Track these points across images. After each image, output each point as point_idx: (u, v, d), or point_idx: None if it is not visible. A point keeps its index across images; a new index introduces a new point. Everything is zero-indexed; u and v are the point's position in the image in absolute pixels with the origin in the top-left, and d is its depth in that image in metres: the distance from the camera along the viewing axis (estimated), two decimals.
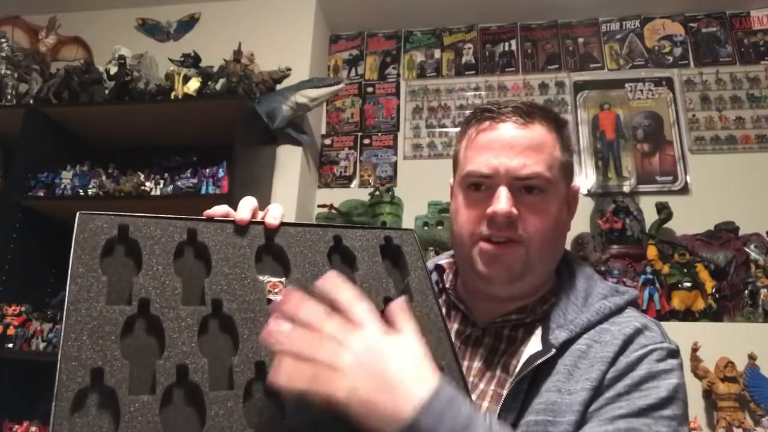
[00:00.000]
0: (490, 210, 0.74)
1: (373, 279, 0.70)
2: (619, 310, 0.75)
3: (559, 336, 0.71)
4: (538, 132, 0.76)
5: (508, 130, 0.76)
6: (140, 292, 0.60)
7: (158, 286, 0.61)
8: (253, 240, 0.68)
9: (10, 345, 1.86)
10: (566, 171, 0.79)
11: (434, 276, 0.90)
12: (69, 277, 0.58)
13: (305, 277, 0.67)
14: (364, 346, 0.51)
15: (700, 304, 1.88)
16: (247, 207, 0.70)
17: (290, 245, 0.70)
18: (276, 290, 0.66)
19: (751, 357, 1.72)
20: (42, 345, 1.86)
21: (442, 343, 0.68)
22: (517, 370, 0.72)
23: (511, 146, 0.75)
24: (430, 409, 0.49)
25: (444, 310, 0.86)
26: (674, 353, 0.71)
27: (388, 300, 0.69)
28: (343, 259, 0.73)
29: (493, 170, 0.75)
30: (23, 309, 1.94)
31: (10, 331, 1.87)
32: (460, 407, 0.50)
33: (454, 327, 0.84)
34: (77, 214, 0.63)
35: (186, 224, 0.66)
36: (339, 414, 0.50)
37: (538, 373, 0.70)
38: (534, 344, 0.74)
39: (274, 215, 0.70)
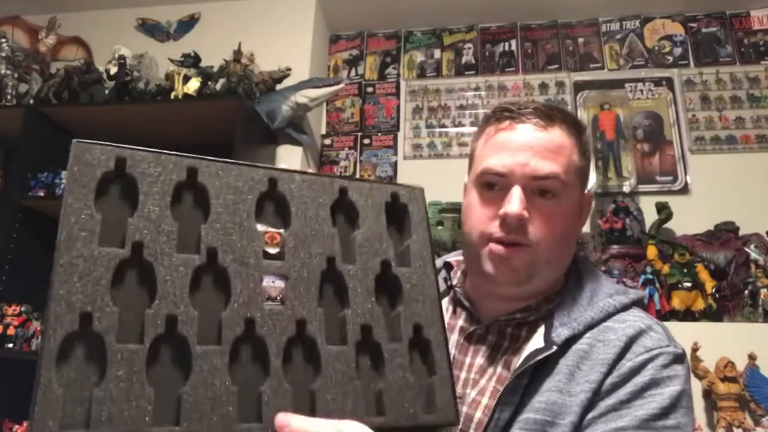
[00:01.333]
0: (501, 211, 0.73)
1: (374, 239, 0.68)
2: (624, 308, 0.74)
3: (561, 333, 0.71)
4: (558, 135, 0.76)
5: (527, 131, 0.75)
6: (134, 235, 0.57)
7: (153, 230, 0.58)
8: (255, 185, 0.65)
9: (10, 345, 1.86)
10: (582, 176, 0.79)
11: (442, 273, 0.90)
12: (62, 212, 0.56)
13: (304, 232, 0.65)
14: None
15: (700, 304, 1.88)
16: None
17: (293, 193, 0.67)
18: (274, 242, 0.63)
19: (751, 357, 1.72)
20: None
21: (432, 313, 0.67)
22: (518, 365, 0.71)
23: (529, 147, 0.74)
24: None
25: (450, 308, 0.87)
26: (680, 358, 0.70)
27: (385, 263, 0.68)
28: (345, 215, 0.70)
29: (509, 170, 0.74)
30: (23, 309, 1.94)
31: (10, 331, 1.88)
32: None
33: (458, 324, 0.84)
34: (73, 142, 0.59)
35: (187, 162, 0.63)
36: None
37: (539, 371, 0.70)
38: (536, 341, 0.73)
39: None
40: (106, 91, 2.22)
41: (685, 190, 2.28)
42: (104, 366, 0.51)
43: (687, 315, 1.87)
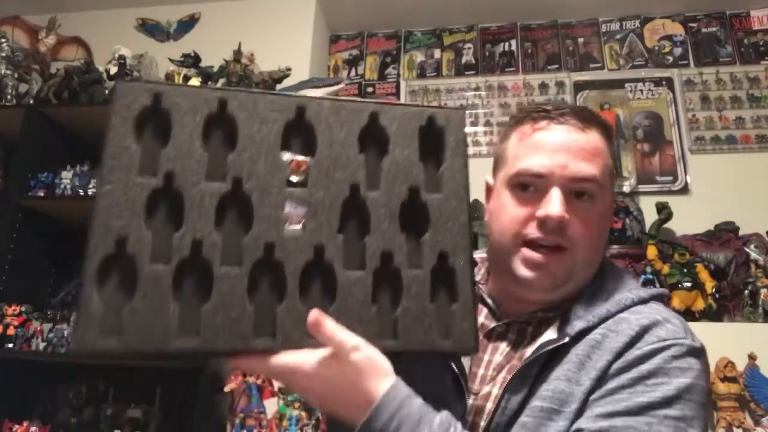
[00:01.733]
0: (541, 212, 0.71)
1: (403, 165, 0.67)
2: (641, 302, 0.73)
3: (576, 326, 0.70)
4: (595, 138, 0.75)
5: (566, 132, 0.74)
6: (167, 165, 0.62)
7: (184, 159, 0.62)
8: (283, 113, 0.66)
9: (10, 345, 1.86)
10: (613, 180, 0.79)
11: None
12: (105, 145, 0.61)
13: (330, 158, 0.66)
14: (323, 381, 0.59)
15: (700, 304, 1.88)
16: None
17: (321, 120, 0.67)
18: (300, 169, 0.65)
19: (751, 357, 1.72)
20: (42, 345, 1.86)
21: (461, 240, 0.66)
22: (528, 354, 0.71)
23: (567, 149, 0.73)
24: (385, 403, 0.58)
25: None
26: (696, 352, 0.67)
27: (414, 190, 0.67)
28: (376, 140, 0.68)
29: (548, 171, 0.72)
30: (23, 309, 1.94)
31: (10, 331, 1.87)
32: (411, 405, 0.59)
33: (479, 321, 0.82)
34: (116, 83, 0.66)
35: (218, 94, 0.66)
36: None
37: (551, 362, 0.69)
38: (550, 333, 0.73)
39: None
40: (106, 91, 2.22)
41: (685, 190, 2.28)
42: (136, 284, 0.58)
43: (687, 315, 1.87)
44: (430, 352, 0.65)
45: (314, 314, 0.58)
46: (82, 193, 2.05)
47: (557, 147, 0.73)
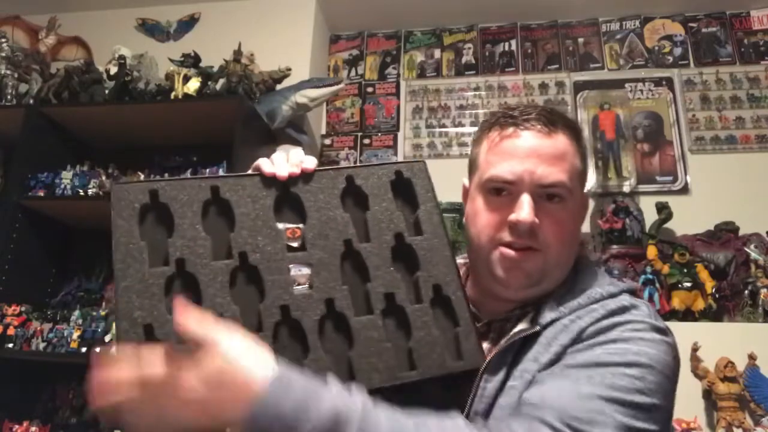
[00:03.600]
0: (512, 217, 0.75)
1: (384, 216, 0.76)
2: (611, 296, 0.75)
3: (547, 316, 0.73)
4: (561, 141, 0.78)
5: (532, 137, 0.77)
6: (175, 253, 0.67)
7: (190, 246, 0.67)
8: (271, 190, 0.74)
9: (10, 345, 1.86)
10: (582, 179, 0.82)
11: None
12: (113, 245, 0.65)
13: (320, 222, 0.74)
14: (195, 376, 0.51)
15: (700, 304, 1.88)
16: (278, 160, 0.76)
17: (305, 192, 0.75)
18: (295, 236, 0.72)
19: (751, 357, 1.72)
20: (42, 345, 1.85)
21: (449, 274, 0.74)
22: (502, 343, 0.73)
23: (536, 154, 0.76)
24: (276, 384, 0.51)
25: None
26: (661, 330, 0.69)
27: (399, 236, 0.75)
28: (355, 200, 0.77)
29: (518, 177, 0.75)
30: (23, 309, 1.94)
31: (10, 331, 1.87)
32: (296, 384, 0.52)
33: None
34: (112, 185, 0.71)
35: (209, 183, 0.72)
36: None
37: (524, 348, 0.72)
38: (523, 324, 0.76)
39: (296, 163, 0.76)
40: (106, 91, 2.22)
41: (685, 190, 2.28)
42: None
43: (687, 315, 1.87)
44: (447, 375, 0.69)
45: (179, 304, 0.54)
46: (82, 193, 2.05)
47: (525, 153, 0.76)
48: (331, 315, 0.68)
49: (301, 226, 0.73)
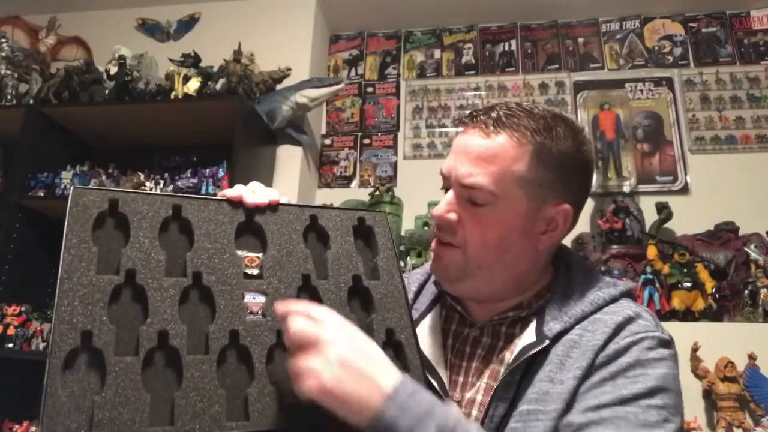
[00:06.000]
0: (432, 211, 0.78)
1: (344, 257, 0.76)
2: (612, 300, 0.75)
3: (553, 327, 0.72)
4: (499, 143, 0.73)
5: (471, 136, 0.76)
6: (127, 263, 0.65)
7: (144, 258, 0.66)
8: (234, 217, 0.73)
9: (10, 345, 1.86)
10: (533, 188, 0.73)
11: (433, 278, 0.90)
12: (63, 247, 0.63)
13: (280, 254, 0.73)
14: (344, 347, 0.58)
15: (700, 304, 1.88)
16: (245, 189, 0.76)
17: (268, 223, 0.75)
18: (253, 264, 0.71)
19: (751, 357, 1.72)
20: (42, 345, 1.86)
21: (402, 319, 0.74)
22: (510, 360, 0.72)
23: (465, 153, 0.75)
24: (395, 399, 0.56)
25: (444, 312, 0.87)
26: (666, 343, 0.71)
27: (356, 278, 0.75)
28: (317, 238, 0.78)
29: (447, 173, 0.78)
30: (23, 309, 1.94)
31: (10, 331, 1.87)
32: (422, 397, 0.57)
33: (452, 327, 0.84)
34: (71, 188, 0.69)
35: (172, 200, 0.71)
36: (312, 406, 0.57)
37: (532, 365, 0.71)
38: (528, 336, 0.74)
39: (264, 195, 0.75)
40: (106, 91, 2.22)
41: (685, 190, 2.28)
42: (104, 376, 0.57)
43: (687, 315, 1.87)
44: None
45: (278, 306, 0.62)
46: None
47: (457, 150, 0.77)
48: (281, 346, 0.66)
49: (260, 255, 0.72)
